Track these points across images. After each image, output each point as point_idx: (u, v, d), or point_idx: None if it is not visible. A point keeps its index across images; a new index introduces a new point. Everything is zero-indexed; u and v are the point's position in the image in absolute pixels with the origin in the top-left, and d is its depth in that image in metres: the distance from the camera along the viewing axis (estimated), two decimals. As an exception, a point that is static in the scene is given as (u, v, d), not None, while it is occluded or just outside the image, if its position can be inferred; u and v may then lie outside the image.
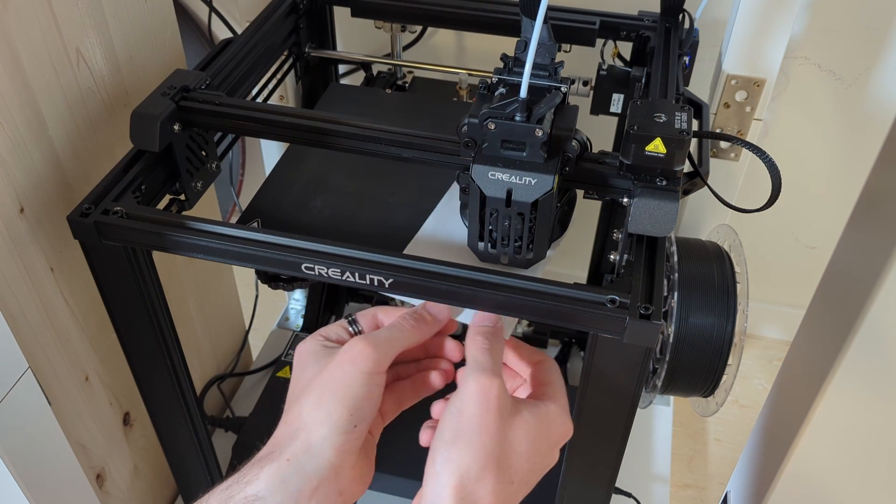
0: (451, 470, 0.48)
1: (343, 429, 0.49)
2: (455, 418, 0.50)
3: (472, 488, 0.48)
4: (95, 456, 0.79)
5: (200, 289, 0.98)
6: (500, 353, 0.54)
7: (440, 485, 0.48)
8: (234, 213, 1.48)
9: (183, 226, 0.56)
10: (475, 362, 0.51)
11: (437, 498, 0.48)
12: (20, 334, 0.63)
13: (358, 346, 0.51)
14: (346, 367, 0.51)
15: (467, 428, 0.49)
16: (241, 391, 1.13)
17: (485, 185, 0.54)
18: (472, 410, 0.49)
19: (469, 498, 0.48)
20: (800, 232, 1.42)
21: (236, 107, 0.63)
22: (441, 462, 0.49)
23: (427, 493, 0.49)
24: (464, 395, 0.50)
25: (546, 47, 0.58)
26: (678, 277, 0.66)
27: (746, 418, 1.45)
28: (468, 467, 0.48)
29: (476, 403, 0.49)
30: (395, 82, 1.02)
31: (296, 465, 0.49)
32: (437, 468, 0.49)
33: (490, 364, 0.51)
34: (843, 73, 1.19)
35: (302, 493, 0.48)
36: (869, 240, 0.61)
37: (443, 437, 0.50)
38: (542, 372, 0.57)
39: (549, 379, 0.56)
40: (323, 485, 0.49)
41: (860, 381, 0.63)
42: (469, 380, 0.50)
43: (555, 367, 0.57)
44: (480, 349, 0.52)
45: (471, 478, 0.48)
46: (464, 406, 0.50)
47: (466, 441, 0.49)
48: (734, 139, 0.62)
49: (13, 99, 0.60)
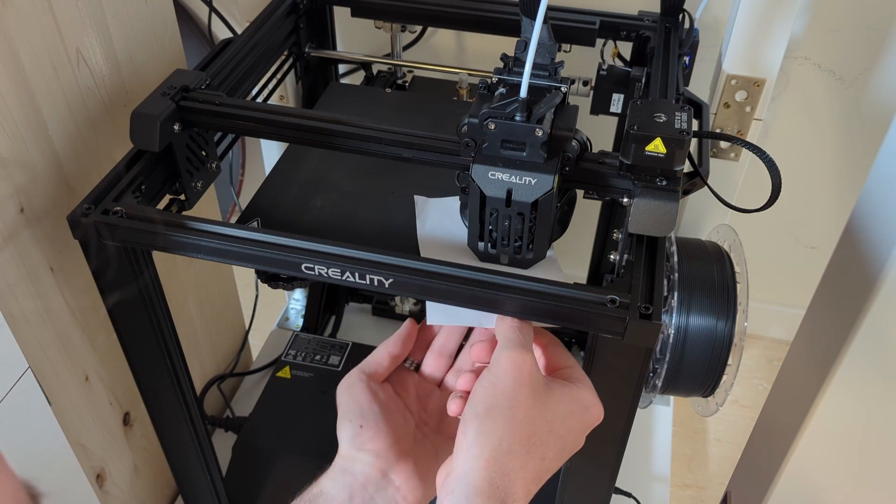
0: (483, 442, 0.48)
1: (353, 432, 0.56)
2: (488, 391, 0.50)
3: (504, 461, 0.48)
4: (95, 456, 0.79)
5: (200, 289, 0.98)
6: (530, 332, 0.54)
7: (472, 457, 0.48)
8: (234, 213, 1.48)
9: (183, 226, 0.56)
10: (507, 339, 0.52)
11: (468, 470, 0.48)
12: (20, 334, 0.63)
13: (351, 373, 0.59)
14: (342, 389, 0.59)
15: (501, 401, 0.49)
16: (241, 391, 1.13)
17: (485, 185, 0.54)
18: (506, 383, 0.49)
19: (501, 471, 0.48)
20: (800, 232, 1.42)
21: (236, 107, 0.63)
22: (473, 434, 0.48)
23: (459, 464, 0.49)
24: (497, 369, 0.50)
25: (546, 47, 0.58)
26: (678, 277, 0.66)
27: (746, 418, 1.45)
28: (500, 440, 0.48)
29: (510, 377, 0.49)
30: (395, 82, 1.02)
31: (341, 468, 0.57)
32: (469, 441, 0.49)
33: (521, 340, 0.52)
34: (843, 73, 1.19)
35: (353, 486, 0.56)
36: (869, 240, 0.61)
37: (475, 409, 0.49)
38: (555, 355, 0.57)
39: (566, 361, 0.56)
40: (371, 481, 0.56)
41: (860, 381, 0.63)
42: (502, 355, 0.50)
43: (565, 350, 0.57)
44: (511, 327, 0.53)
45: (503, 451, 0.48)
46: (497, 379, 0.50)
47: (500, 414, 0.49)
48: (734, 139, 0.62)
49: (13, 99, 0.60)
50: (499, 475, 0.48)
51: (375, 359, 0.60)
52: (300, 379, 1.02)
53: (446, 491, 0.48)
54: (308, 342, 1.07)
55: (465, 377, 0.54)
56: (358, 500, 0.55)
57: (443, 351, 0.62)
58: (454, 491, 0.48)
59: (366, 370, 0.59)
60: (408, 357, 0.63)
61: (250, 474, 0.94)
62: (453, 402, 0.54)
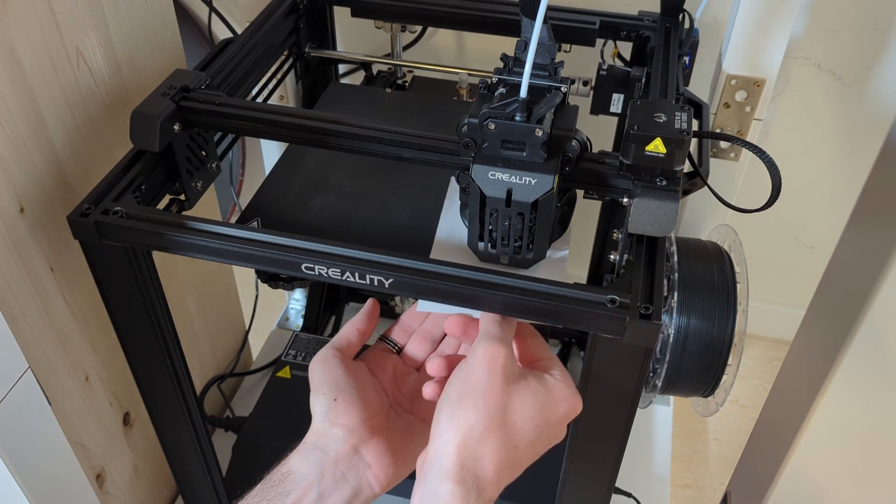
0: (455, 428, 0.50)
1: (327, 405, 0.58)
2: (462, 380, 0.52)
3: (475, 447, 0.49)
4: (95, 456, 0.79)
5: (200, 289, 0.98)
6: (512, 328, 0.55)
7: (444, 441, 0.50)
8: (234, 213, 1.48)
9: (183, 226, 0.56)
10: (485, 332, 0.53)
11: (440, 455, 0.49)
12: (20, 334, 0.63)
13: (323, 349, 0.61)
14: (312, 366, 0.61)
15: (473, 389, 0.51)
16: (241, 391, 1.13)
17: (485, 185, 0.54)
18: (479, 374, 0.51)
19: (472, 455, 0.49)
20: (800, 232, 1.42)
21: (236, 107, 0.63)
22: (445, 421, 0.50)
23: (431, 450, 0.50)
24: (472, 360, 0.52)
25: (546, 47, 0.58)
26: (678, 277, 0.66)
27: (746, 418, 1.45)
28: (472, 426, 0.49)
29: (483, 367, 0.51)
30: (395, 82, 1.02)
31: (313, 444, 0.58)
32: (442, 426, 0.50)
33: (499, 334, 0.53)
34: (843, 73, 1.19)
35: (324, 463, 0.57)
36: (869, 240, 0.61)
37: (449, 397, 0.51)
38: (533, 346, 0.58)
39: (544, 353, 0.58)
40: (342, 458, 0.57)
41: (860, 381, 0.63)
42: (479, 347, 0.52)
43: (543, 341, 0.59)
44: (491, 321, 0.54)
45: (474, 437, 0.49)
46: (471, 370, 0.52)
47: (471, 402, 0.50)
48: (734, 139, 0.62)
49: (13, 99, 0.60)
50: (470, 459, 0.49)
51: (345, 335, 0.62)
52: (300, 379, 1.02)
53: (422, 475, 0.50)
54: (308, 342, 1.07)
55: (434, 362, 0.56)
56: (328, 478, 0.57)
57: (427, 336, 0.65)
58: (427, 475, 0.50)
59: (337, 346, 0.61)
60: (391, 339, 0.65)
61: (250, 474, 0.94)
62: (429, 387, 0.56)
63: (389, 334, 0.66)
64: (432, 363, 0.56)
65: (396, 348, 0.65)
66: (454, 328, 0.57)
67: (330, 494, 0.56)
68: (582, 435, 0.61)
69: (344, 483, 0.57)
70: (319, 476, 0.56)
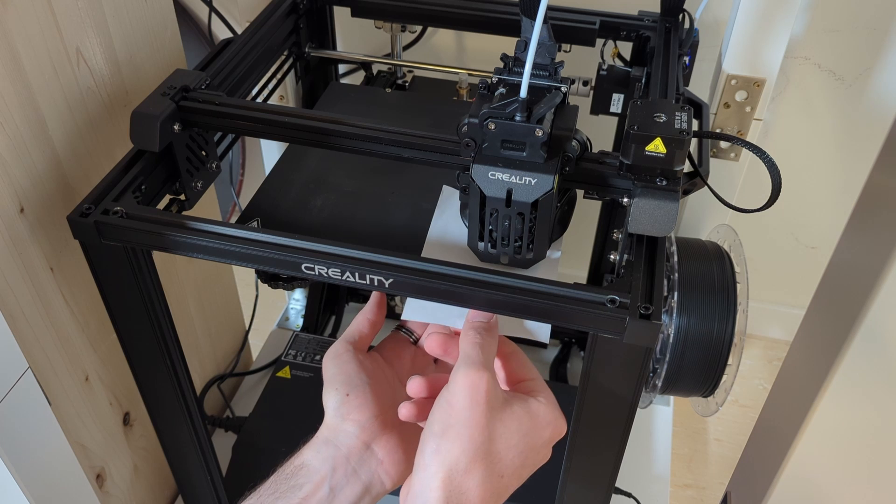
0: (440, 462, 0.49)
1: (339, 400, 0.58)
2: (445, 411, 0.50)
3: (461, 480, 0.49)
4: (95, 456, 0.79)
5: (200, 289, 0.98)
6: (493, 349, 0.54)
7: (428, 476, 0.49)
8: (234, 213, 1.48)
9: (183, 226, 0.56)
10: (466, 357, 0.52)
11: (425, 489, 0.49)
12: (20, 334, 0.63)
13: (336, 343, 0.61)
14: (326, 361, 0.61)
15: (456, 421, 0.50)
16: (241, 391, 1.13)
17: (485, 185, 0.54)
18: (462, 403, 0.50)
19: (457, 489, 0.48)
20: (800, 232, 1.42)
21: (236, 107, 0.63)
22: (430, 454, 0.49)
23: (416, 483, 0.50)
24: (454, 388, 0.51)
25: (546, 47, 0.58)
26: (678, 277, 0.66)
27: (746, 418, 1.45)
28: (457, 459, 0.49)
29: (465, 396, 0.50)
30: (395, 82, 1.02)
31: (325, 438, 0.58)
32: (427, 460, 0.49)
33: (480, 358, 0.52)
34: (843, 73, 1.19)
35: (336, 458, 0.57)
36: (869, 240, 0.61)
37: (432, 429, 0.50)
38: (516, 366, 0.57)
39: (528, 374, 0.57)
40: (353, 453, 0.57)
41: (860, 381, 0.63)
42: (459, 374, 0.51)
43: (527, 360, 0.58)
44: (472, 343, 0.53)
45: (459, 470, 0.49)
46: (453, 399, 0.50)
47: (455, 434, 0.49)
48: (734, 139, 0.62)
49: (13, 99, 0.60)
50: (455, 494, 0.48)
51: (356, 327, 0.62)
52: (300, 379, 1.02)
53: None
54: (308, 342, 1.07)
55: (414, 382, 0.56)
56: (340, 472, 0.56)
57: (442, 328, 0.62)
58: None
59: (350, 339, 0.61)
60: (407, 328, 0.65)
61: (250, 474, 0.94)
62: (405, 408, 0.55)
63: (405, 324, 0.65)
64: (412, 383, 0.55)
65: (413, 338, 0.65)
66: (435, 347, 0.57)
67: (341, 489, 0.56)
68: (582, 435, 0.61)
69: (355, 478, 0.57)
70: (332, 471, 0.56)
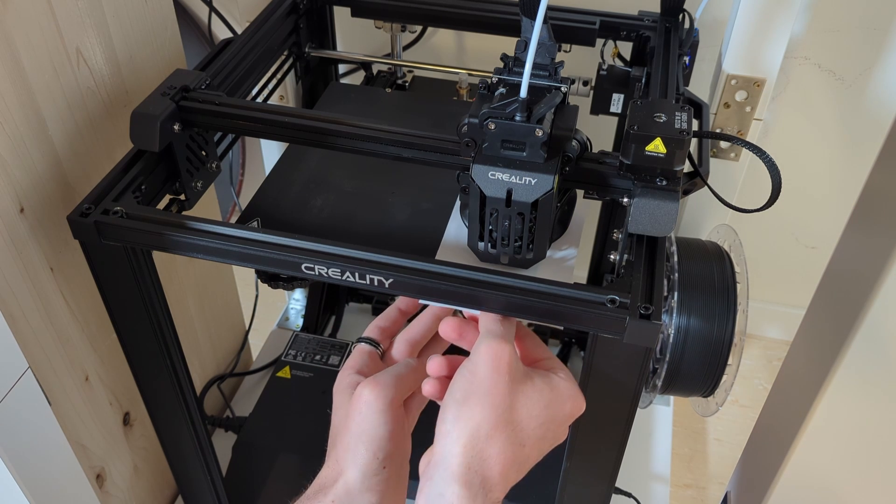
0: (462, 427, 0.49)
1: (373, 471, 0.53)
2: (467, 379, 0.50)
3: (482, 446, 0.48)
4: (95, 456, 0.79)
5: (200, 289, 0.98)
6: (513, 327, 0.55)
7: (450, 441, 0.49)
8: (234, 213, 1.48)
9: (183, 226, 0.56)
10: (487, 331, 0.52)
11: (447, 454, 0.48)
12: (20, 334, 0.63)
13: (367, 389, 0.54)
14: (363, 410, 0.54)
15: (479, 388, 0.50)
16: (241, 391, 1.13)
17: (485, 185, 0.54)
18: (484, 372, 0.50)
19: (479, 455, 0.48)
20: (800, 232, 1.42)
21: (236, 107, 0.63)
22: (451, 420, 0.49)
23: (438, 450, 0.49)
24: (476, 358, 0.51)
25: (546, 47, 0.58)
26: (678, 277, 0.66)
27: (746, 418, 1.45)
28: (478, 425, 0.49)
29: (488, 365, 0.50)
30: (395, 82, 1.02)
31: (341, 500, 0.53)
32: (448, 426, 0.49)
33: (501, 332, 0.52)
34: (843, 73, 1.19)
35: None
36: (869, 240, 0.61)
37: (454, 396, 0.50)
38: (532, 346, 0.57)
39: (544, 353, 0.57)
40: None
41: (860, 381, 0.63)
42: (482, 345, 0.51)
43: (542, 342, 0.58)
44: (492, 319, 0.53)
45: (481, 436, 0.48)
46: (476, 368, 0.50)
47: (477, 400, 0.49)
48: (734, 139, 0.62)
49: (13, 99, 0.60)
50: (476, 460, 0.48)
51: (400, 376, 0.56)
52: (300, 379, 1.02)
53: (427, 476, 0.49)
54: (308, 342, 1.07)
55: (434, 361, 0.54)
56: None
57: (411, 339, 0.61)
58: (433, 476, 0.49)
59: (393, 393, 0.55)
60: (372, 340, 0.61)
61: (250, 474, 0.95)
62: (428, 384, 0.54)
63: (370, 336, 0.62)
64: (432, 362, 0.55)
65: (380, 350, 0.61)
66: (449, 331, 0.56)
67: None
68: (582, 435, 0.61)
69: None
70: None
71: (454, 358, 0.55)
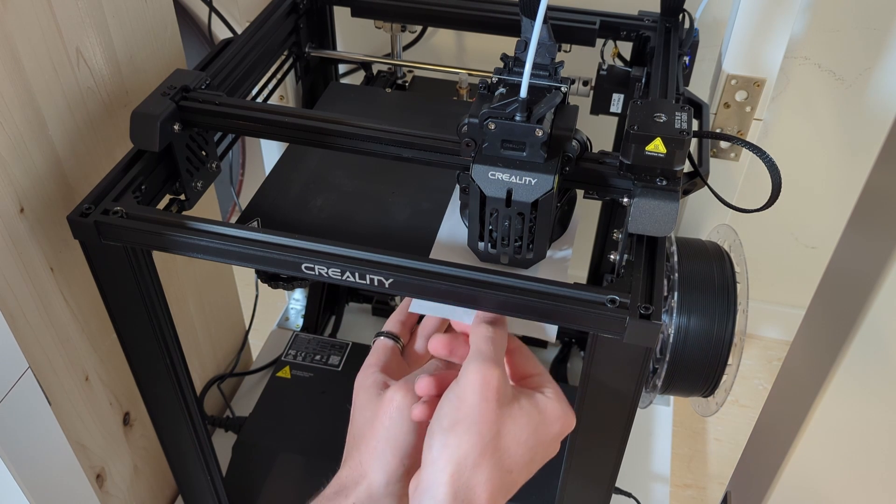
0: (448, 456, 0.48)
1: (398, 477, 0.53)
2: (454, 405, 0.50)
3: (469, 475, 0.48)
4: (95, 456, 0.79)
5: (200, 289, 0.98)
6: (504, 343, 0.54)
7: (437, 470, 0.48)
8: (234, 213, 1.48)
9: (183, 226, 0.56)
10: (477, 351, 0.51)
11: (433, 483, 0.48)
12: (20, 334, 0.63)
13: (400, 394, 0.54)
14: (395, 415, 0.53)
15: (466, 416, 0.49)
16: (241, 391, 1.13)
17: (485, 185, 0.54)
18: (472, 399, 0.49)
19: (466, 485, 0.48)
20: (800, 232, 1.42)
21: (236, 107, 0.63)
22: (438, 448, 0.49)
23: (424, 478, 0.49)
24: (464, 383, 0.50)
25: (546, 47, 0.58)
26: (678, 277, 0.66)
27: (746, 418, 1.45)
28: (465, 454, 0.48)
29: (475, 392, 0.49)
30: (395, 82, 1.02)
31: None
32: (435, 454, 0.49)
33: (491, 353, 0.51)
34: (843, 73, 1.19)
35: None
36: (869, 240, 0.61)
37: (441, 423, 0.50)
38: (522, 362, 0.57)
39: (534, 369, 0.56)
40: None
41: (860, 381, 0.63)
42: (470, 369, 0.50)
43: (532, 356, 0.57)
44: (483, 338, 0.52)
45: (467, 465, 0.48)
46: (463, 394, 0.50)
47: (464, 428, 0.49)
48: (734, 139, 0.62)
49: (13, 99, 0.60)
50: (464, 489, 0.48)
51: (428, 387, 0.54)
52: (300, 379, 1.02)
53: (414, 502, 0.49)
54: (308, 342, 1.07)
55: (423, 381, 0.53)
56: None
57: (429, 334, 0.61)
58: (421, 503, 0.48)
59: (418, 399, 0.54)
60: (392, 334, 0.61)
61: (250, 474, 0.94)
62: (417, 408, 0.53)
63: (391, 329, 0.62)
64: (421, 382, 0.53)
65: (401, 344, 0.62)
66: (439, 348, 0.56)
67: None
68: (582, 435, 0.61)
69: None
70: None
71: (443, 377, 0.54)
